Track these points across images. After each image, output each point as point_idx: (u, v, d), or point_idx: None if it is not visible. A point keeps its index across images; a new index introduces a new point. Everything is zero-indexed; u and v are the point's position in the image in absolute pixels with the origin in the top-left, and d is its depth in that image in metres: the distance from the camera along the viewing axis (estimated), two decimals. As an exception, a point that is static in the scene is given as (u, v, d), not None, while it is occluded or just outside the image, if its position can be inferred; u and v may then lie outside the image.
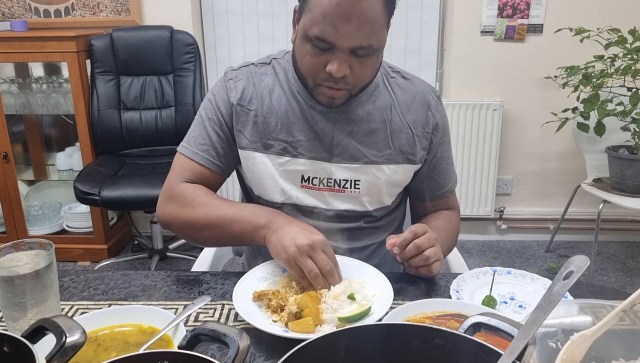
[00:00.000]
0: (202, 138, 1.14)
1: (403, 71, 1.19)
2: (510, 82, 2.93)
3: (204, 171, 1.13)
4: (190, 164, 1.13)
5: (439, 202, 1.24)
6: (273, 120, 1.12)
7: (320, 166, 1.12)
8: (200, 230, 1.08)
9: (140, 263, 2.96)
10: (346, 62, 0.98)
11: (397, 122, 1.13)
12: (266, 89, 1.13)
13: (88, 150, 2.81)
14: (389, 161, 1.14)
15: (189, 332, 0.64)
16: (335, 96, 1.04)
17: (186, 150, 1.14)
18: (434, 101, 1.17)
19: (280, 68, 1.15)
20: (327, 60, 0.98)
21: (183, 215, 1.09)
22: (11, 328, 0.82)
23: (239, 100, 1.13)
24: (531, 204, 3.16)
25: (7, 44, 2.67)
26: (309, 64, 1.01)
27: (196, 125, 1.16)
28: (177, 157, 1.16)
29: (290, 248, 0.95)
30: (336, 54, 0.97)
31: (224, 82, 1.15)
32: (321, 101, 1.08)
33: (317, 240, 0.96)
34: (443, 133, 1.18)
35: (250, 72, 1.15)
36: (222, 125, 1.13)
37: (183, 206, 1.09)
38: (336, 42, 0.96)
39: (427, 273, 1.00)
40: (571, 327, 0.68)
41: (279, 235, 0.98)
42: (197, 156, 1.13)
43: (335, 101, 1.06)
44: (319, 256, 0.95)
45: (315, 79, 1.03)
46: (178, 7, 2.87)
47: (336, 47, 0.97)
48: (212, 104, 1.15)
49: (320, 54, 0.99)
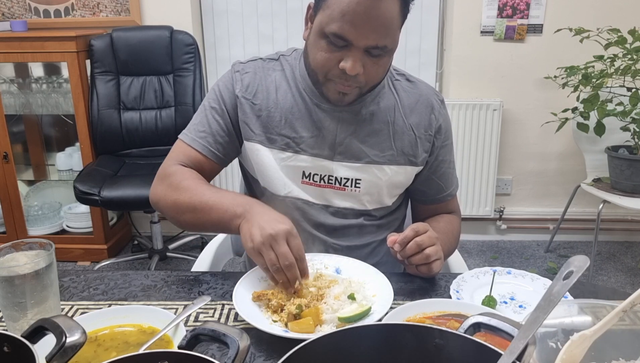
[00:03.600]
0: (202, 125, 1.15)
1: (407, 74, 1.20)
2: (510, 82, 2.93)
3: (200, 158, 1.14)
4: (188, 150, 1.14)
5: (440, 206, 1.24)
6: (277, 115, 1.13)
7: (322, 163, 1.13)
8: (183, 212, 1.08)
9: (140, 263, 2.96)
10: (360, 61, 0.99)
11: (400, 123, 1.14)
12: (272, 84, 1.14)
13: (88, 150, 2.81)
14: (390, 162, 1.14)
15: (189, 332, 0.64)
16: (346, 91, 1.04)
17: (185, 136, 1.16)
18: (438, 104, 1.17)
19: (288, 65, 1.16)
20: (341, 57, 0.99)
21: (170, 196, 1.09)
22: (11, 328, 0.82)
23: (244, 92, 1.14)
24: (531, 204, 3.17)
25: (7, 44, 2.67)
26: (322, 60, 1.02)
27: (198, 113, 1.17)
28: (176, 143, 1.17)
29: (256, 237, 0.92)
30: (351, 52, 0.98)
31: (231, 73, 1.16)
32: (330, 98, 1.07)
33: (280, 229, 0.92)
34: (445, 136, 1.19)
35: (258, 66, 1.16)
36: (224, 114, 1.14)
37: (170, 187, 1.10)
38: (353, 40, 0.97)
39: (427, 272, 1.00)
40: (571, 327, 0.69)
41: (249, 224, 0.96)
42: (195, 143, 1.14)
43: (345, 98, 1.06)
44: (281, 248, 0.91)
45: (327, 74, 1.03)
46: (178, 7, 2.87)
47: (352, 45, 0.98)
48: (215, 94, 1.16)
49: (335, 51, 1.00)
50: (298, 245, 0.94)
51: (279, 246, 0.92)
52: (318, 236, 1.15)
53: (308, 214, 1.14)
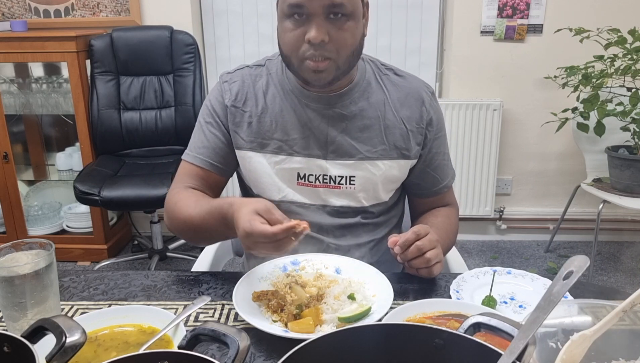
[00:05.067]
0: (200, 141, 1.17)
1: (396, 68, 1.20)
2: (510, 82, 2.93)
3: (203, 173, 1.16)
4: (190, 169, 1.16)
5: (437, 198, 1.24)
6: (268, 120, 1.13)
7: (316, 163, 1.13)
8: (190, 232, 1.12)
9: (140, 263, 2.96)
10: (323, 27, 0.99)
11: (390, 118, 1.14)
12: (260, 90, 1.15)
13: (88, 150, 2.81)
14: (383, 157, 1.14)
15: (189, 332, 0.64)
16: (320, 68, 1.03)
17: (187, 156, 1.18)
18: (428, 97, 1.17)
19: (274, 68, 1.17)
20: (305, 30, 1.00)
21: (175, 224, 1.14)
22: (11, 328, 0.82)
23: (233, 101, 1.15)
24: (531, 204, 3.16)
25: (7, 44, 2.67)
26: (289, 39, 1.02)
27: (196, 131, 1.19)
28: (181, 164, 1.20)
29: (243, 242, 0.90)
30: (312, 21, 0.99)
31: (220, 85, 1.18)
32: (308, 79, 1.06)
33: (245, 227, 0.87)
34: (438, 129, 1.19)
35: (245, 74, 1.17)
36: (219, 126, 1.16)
37: (172, 215, 1.13)
38: (307, 4, 0.97)
39: (427, 275, 1.00)
40: (571, 327, 0.69)
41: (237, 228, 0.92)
42: (196, 160, 1.16)
43: (322, 75, 1.04)
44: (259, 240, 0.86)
45: (297, 54, 1.03)
46: (178, 7, 2.87)
47: (311, 14, 0.98)
48: (208, 108, 1.18)
49: (298, 26, 1.01)
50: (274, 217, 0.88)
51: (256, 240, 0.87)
52: (316, 237, 1.15)
53: (305, 217, 1.14)
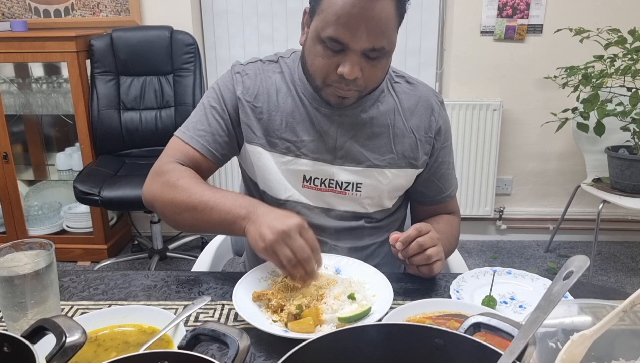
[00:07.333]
0: (201, 124, 1.13)
1: (407, 76, 1.20)
2: (510, 82, 2.93)
3: (198, 156, 1.12)
4: (185, 148, 1.12)
5: (440, 206, 1.24)
6: (278, 118, 1.12)
7: (323, 167, 1.12)
8: (180, 212, 1.05)
9: (140, 263, 2.96)
10: (358, 65, 0.98)
11: (400, 127, 1.14)
12: (273, 87, 1.13)
13: (88, 150, 2.81)
14: (391, 166, 1.14)
15: (189, 332, 0.64)
16: (346, 96, 1.04)
17: (183, 134, 1.14)
18: (437, 106, 1.17)
19: (287, 68, 1.15)
20: (338, 62, 0.99)
21: (166, 195, 1.06)
22: (11, 328, 0.82)
23: (245, 95, 1.13)
24: (531, 204, 3.17)
25: (7, 44, 2.67)
26: (320, 65, 1.01)
27: (197, 112, 1.15)
28: (172, 140, 1.15)
29: (267, 236, 0.90)
30: (348, 56, 0.97)
31: (232, 74, 1.15)
32: (330, 101, 1.07)
33: (292, 224, 0.90)
34: (445, 138, 1.19)
35: (258, 68, 1.15)
36: (224, 114, 1.13)
37: (167, 185, 1.06)
38: (349, 43, 0.96)
39: (428, 273, 1.00)
40: (571, 327, 0.68)
41: (257, 225, 0.94)
42: (193, 141, 1.12)
43: (345, 101, 1.06)
44: (295, 242, 0.90)
45: (325, 80, 1.03)
46: (178, 7, 2.87)
47: (349, 49, 0.97)
48: (216, 93, 1.15)
49: (332, 56, 0.99)
50: (312, 237, 0.93)
51: (293, 240, 0.90)
52: (318, 238, 1.15)
53: (308, 218, 1.13)
